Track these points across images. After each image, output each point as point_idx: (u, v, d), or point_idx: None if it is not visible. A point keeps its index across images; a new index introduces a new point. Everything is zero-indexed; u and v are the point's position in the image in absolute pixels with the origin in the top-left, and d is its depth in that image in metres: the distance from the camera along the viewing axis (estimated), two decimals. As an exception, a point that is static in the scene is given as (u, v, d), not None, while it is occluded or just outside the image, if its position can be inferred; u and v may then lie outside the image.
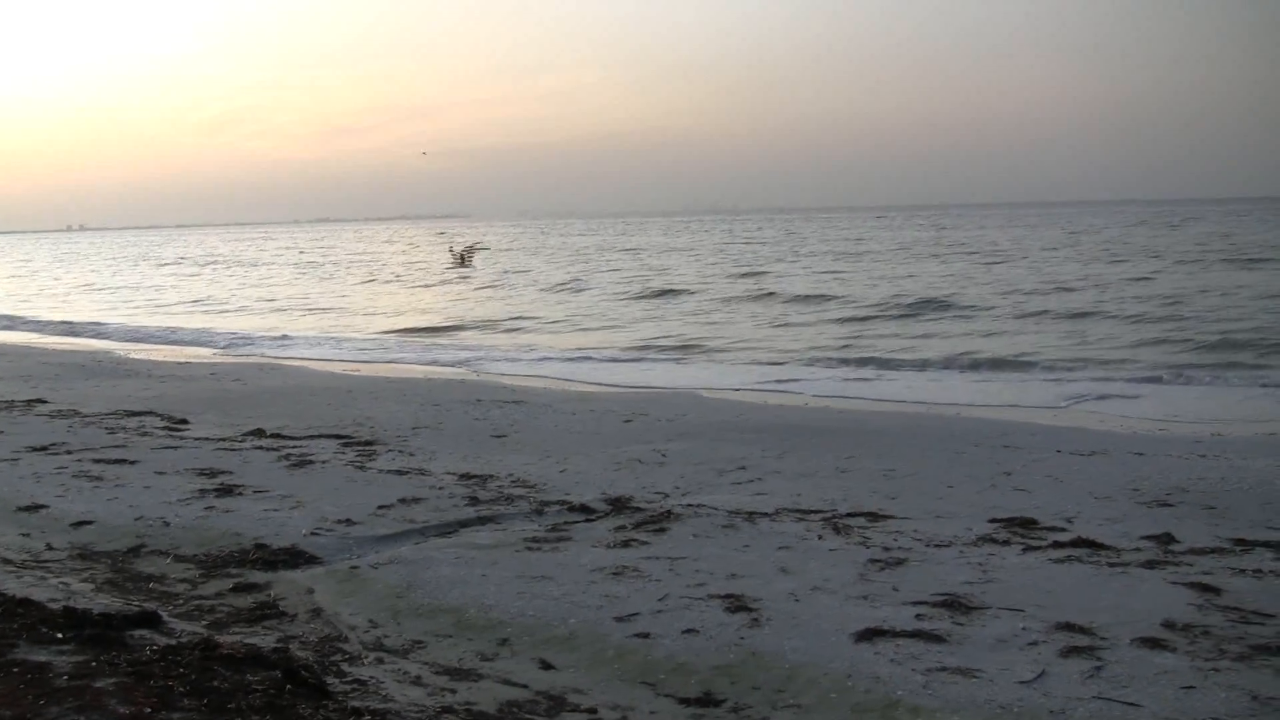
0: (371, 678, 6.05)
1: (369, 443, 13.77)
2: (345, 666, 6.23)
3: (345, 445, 13.54)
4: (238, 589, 7.73)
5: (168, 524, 9.32)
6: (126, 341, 34.36)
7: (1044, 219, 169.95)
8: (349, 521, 9.44)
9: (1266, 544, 8.96)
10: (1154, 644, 6.49)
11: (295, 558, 8.45)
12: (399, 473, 11.64)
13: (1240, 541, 9.04)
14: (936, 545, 8.81)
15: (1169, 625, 6.80)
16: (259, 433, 14.38)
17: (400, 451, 13.19)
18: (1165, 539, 9.06)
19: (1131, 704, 5.66)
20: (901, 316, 37.33)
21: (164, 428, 14.84)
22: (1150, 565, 8.24)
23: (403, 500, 10.21)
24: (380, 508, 9.93)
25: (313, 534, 9.05)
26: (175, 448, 13.03)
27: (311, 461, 12.18)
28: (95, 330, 38.81)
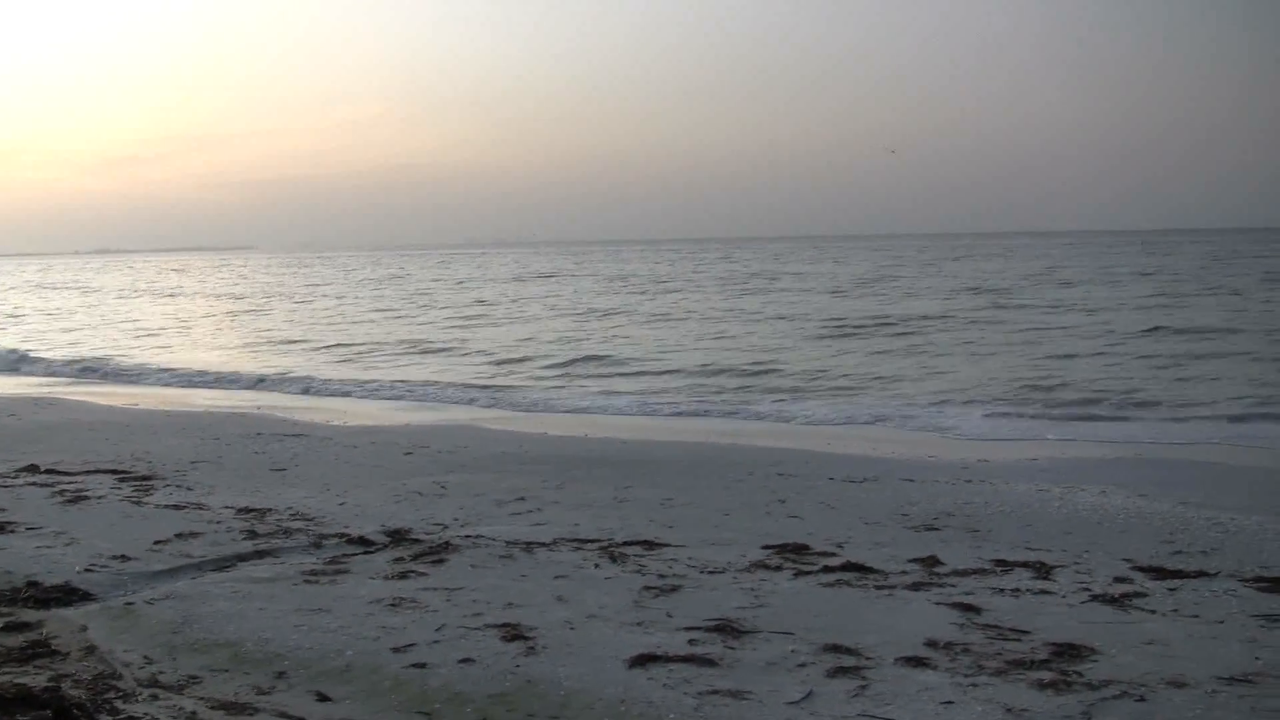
0: (146, 714, 5.98)
1: (146, 477, 13.51)
2: (119, 704, 6.15)
3: (122, 480, 13.26)
4: (8, 628, 7.54)
5: (-66, 564, 9.06)
6: None
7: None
8: (124, 557, 9.26)
9: (1025, 564, 9.39)
10: (917, 662, 6.73)
11: (69, 595, 8.25)
12: (176, 507, 11.45)
13: (1001, 562, 9.44)
14: (711, 572, 9.00)
15: (931, 644, 7.06)
16: (33, 469, 13.98)
17: (178, 486, 12.98)
18: (931, 561, 9.40)
19: (892, 720, 5.89)
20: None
21: (-70, 466, 14.38)
22: (916, 587, 8.55)
23: (179, 535, 10.04)
24: (157, 543, 9.76)
25: (87, 570, 8.86)
26: (-57, 486, 12.64)
27: (87, 497, 11.90)
28: None
